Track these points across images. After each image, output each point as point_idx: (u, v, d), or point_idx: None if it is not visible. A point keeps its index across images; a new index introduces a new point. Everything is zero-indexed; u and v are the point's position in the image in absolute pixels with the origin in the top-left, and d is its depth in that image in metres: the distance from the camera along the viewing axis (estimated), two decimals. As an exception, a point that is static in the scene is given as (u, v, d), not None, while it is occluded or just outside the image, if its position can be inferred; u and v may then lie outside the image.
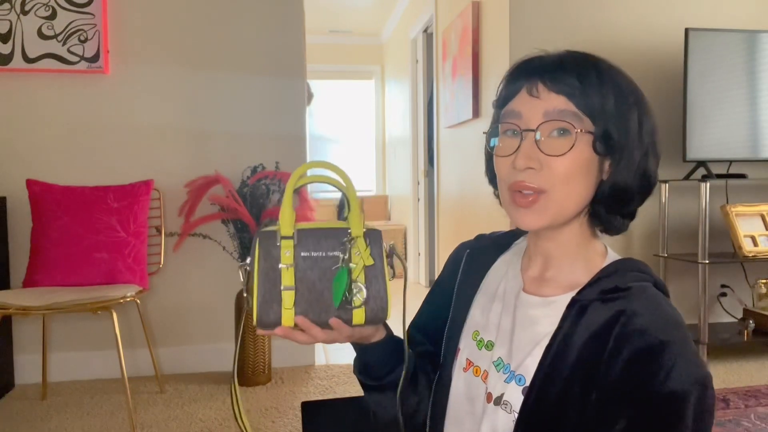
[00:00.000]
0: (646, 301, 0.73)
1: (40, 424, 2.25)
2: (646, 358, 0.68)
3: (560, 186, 0.74)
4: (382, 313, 0.73)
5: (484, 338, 0.85)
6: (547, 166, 0.74)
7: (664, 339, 0.69)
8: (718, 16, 3.13)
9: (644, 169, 0.77)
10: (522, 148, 0.75)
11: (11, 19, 2.61)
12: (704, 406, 0.68)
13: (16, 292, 2.23)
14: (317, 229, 0.74)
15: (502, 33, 3.03)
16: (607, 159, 0.76)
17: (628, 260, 0.80)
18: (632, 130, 0.76)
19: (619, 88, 0.76)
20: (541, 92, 0.75)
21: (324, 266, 0.72)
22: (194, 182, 2.61)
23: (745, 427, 2.13)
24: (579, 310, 0.75)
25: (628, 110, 0.76)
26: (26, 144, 2.68)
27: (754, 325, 2.94)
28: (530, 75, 0.77)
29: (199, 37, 2.77)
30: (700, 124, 2.86)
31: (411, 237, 5.40)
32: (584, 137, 0.74)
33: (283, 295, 0.71)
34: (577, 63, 0.76)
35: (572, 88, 0.74)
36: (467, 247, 0.96)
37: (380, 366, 0.85)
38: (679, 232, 3.14)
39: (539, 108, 0.75)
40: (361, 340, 0.81)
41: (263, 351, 2.65)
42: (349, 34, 6.53)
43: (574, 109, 0.74)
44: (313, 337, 0.74)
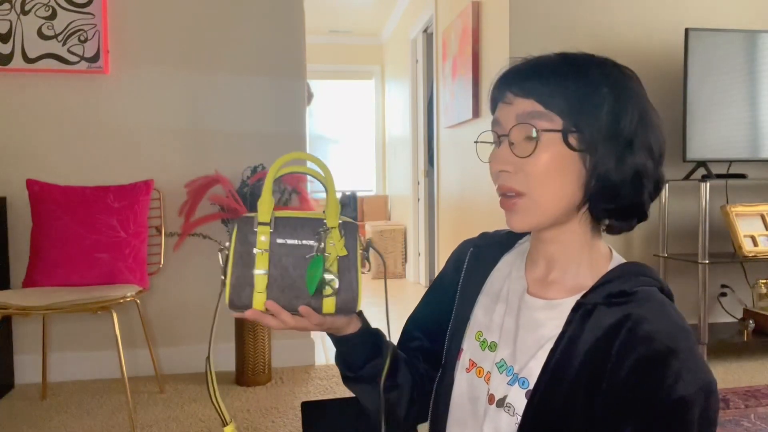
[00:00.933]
0: (653, 306, 0.73)
1: (40, 424, 2.25)
2: (652, 365, 0.68)
3: (536, 186, 0.75)
4: (353, 304, 0.75)
5: (487, 339, 0.85)
6: (521, 169, 0.75)
7: (672, 346, 0.69)
8: (718, 16, 3.13)
9: (631, 161, 0.75)
10: (497, 153, 0.78)
11: (11, 19, 2.61)
12: (709, 412, 0.68)
13: (16, 292, 2.23)
14: (294, 217, 0.76)
15: (502, 33, 3.03)
16: (586, 155, 0.75)
17: (633, 264, 0.80)
18: (604, 121, 0.74)
19: (590, 82, 0.75)
20: (511, 98, 0.78)
21: (298, 254, 0.74)
22: (194, 182, 2.61)
23: (745, 427, 2.13)
24: (584, 313, 0.75)
25: (599, 102, 0.74)
26: (26, 144, 2.68)
27: (754, 325, 2.94)
28: (502, 84, 0.80)
29: (199, 37, 2.77)
30: (700, 124, 2.86)
31: (411, 237, 5.40)
32: (552, 135, 0.74)
33: (256, 279, 0.73)
34: (544, 65, 0.78)
35: (536, 89, 0.75)
36: (471, 245, 0.96)
37: (355, 357, 0.86)
38: (679, 232, 3.14)
39: (512, 113, 0.77)
40: (334, 331, 0.82)
41: (263, 351, 2.65)
42: (349, 34, 6.53)
43: (541, 109, 0.75)
44: (283, 323, 0.75)
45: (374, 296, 4.64)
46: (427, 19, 4.59)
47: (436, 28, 4.38)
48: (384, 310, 0.80)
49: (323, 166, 0.77)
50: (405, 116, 5.45)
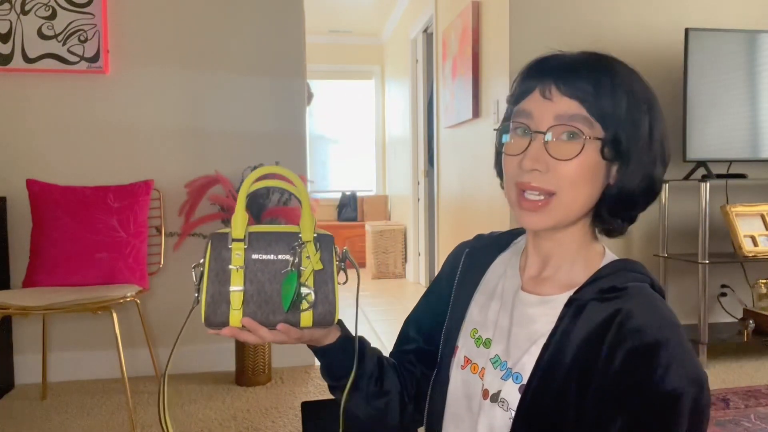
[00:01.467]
0: (643, 301, 0.74)
1: (40, 424, 2.25)
2: (642, 358, 0.69)
3: (568, 189, 0.74)
4: (330, 317, 0.75)
5: (482, 336, 0.85)
6: (553, 169, 0.74)
7: (660, 338, 0.69)
8: (718, 16, 3.13)
9: (651, 175, 0.77)
10: (530, 150, 0.75)
11: (11, 19, 2.61)
12: (699, 406, 0.68)
13: (16, 292, 2.23)
14: (269, 232, 0.76)
15: (502, 33, 3.03)
16: (614, 164, 0.76)
17: (625, 261, 0.80)
18: (643, 136, 0.76)
19: (632, 94, 0.75)
20: (553, 95, 0.75)
21: (274, 269, 0.73)
22: (194, 182, 2.61)
23: (745, 427, 2.13)
24: (576, 309, 0.75)
25: (640, 116, 0.75)
26: (26, 144, 2.68)
27: (754, 325, 2.94)
28: (544, 76, 0.76)
29: (199, 37, 2.77)
30: (700, 124, 2.86)
31: (411, 237, 5.40)
32: (593, 143, 0.74)
33: (232, 296, 0.72)
34: (593, 66, 0.76)
35: (585, 92, 0.74)
36: (466, 247, 0.97)
37: (337, 367, 0.86)
38: (679, 232, 3.14)
39: (551, 110, 0.75)
40: (313, 342, 0.83)
41: (263, 351, 2.65)
42: (349, 34, 6.53)
43: (585, 114, 0.74)
44: (261, 338, 0.75)
45: (374, 296, 4.64)
46: (427, 19, 4.59)
47: (436, 28, 4.38)
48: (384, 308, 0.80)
49: (296, 178, 0.77)
50: (405, 116, 5.45)
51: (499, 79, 3.10)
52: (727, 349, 3.01)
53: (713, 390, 2.49)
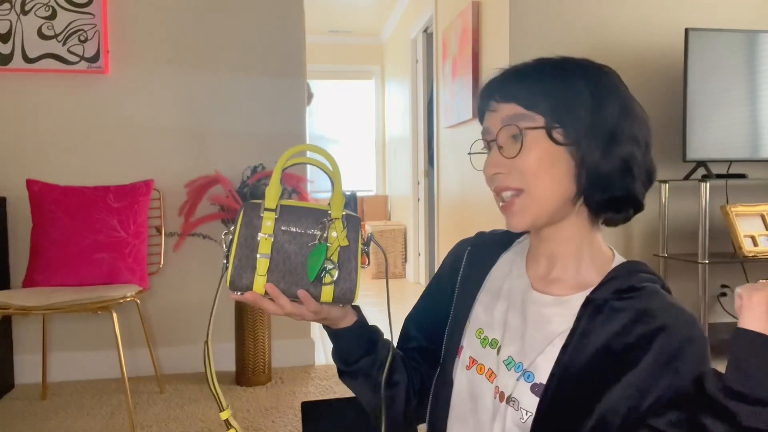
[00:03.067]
0: (664, 300, 0.77)
1: (40, 424, 2.25)
2: (674, 359, 0.72)
3: (532, 182, 0.77)
4: (350, 294, 0.77)
5: (488, 336, 0.85)
6: (513, 169, 0.78)
7: (688, 336, 0.73)
8: (718, 16, 3.13)
9: (617, 152, 0.77)
10: (489, 158, 0.81)
11: (11, 19, 2.61)
12: None
13: (16, 292, 2.23)
14: (300, 207, 0.78)
15: (502, 33, 3.03)
16: (573, 148, 0.78)
17: (635, 262, 0.82)
18: (584, 115, 0.77)
19: (567, 80, 0.78)
20: (495, 106, 0.81)
21: (301, 242, 0.76)
22: (194, 182, 2.61)
23: (745, 427, 2.12)
24: (594, 309, 0.76)
25: (578, 97, 0.77)
26: (26, 144, 2.68)
27: (754, 325, 2.93)
28: (485, 93, 0.83)
29: (199, 37, 2.77)
30: (700, 124, 2.86)
31: (411, 237, 5.40)
32: (536, 133, 0.77)
33: (258, 262, 0.75)
34: (521, 70, 0.82)
35: (516, 93, 0.79)
36: (468, 245, 0.97)
37: (350, 351, 0.88)
38: (679, 232, 3.14)
39: (497, 119, 0.80)
40: (329, 322, 0.84)
41: (263, 351, 2.65)
42: (349, 34, 6.53)
43: (523, 111, 0.78)
44: (281, 308, 0.77)
45: (375, 296, 4.64)
46: (427, 19, 4.59)
47: (436, 28, 4.38)
48: (384, 309, 0.81)
49: (331, 159, 0.79)
50: (405, 116, 5.45)
51: (499, 79, 3.09)
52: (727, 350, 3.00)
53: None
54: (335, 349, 0.89)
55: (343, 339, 0.87)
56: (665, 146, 3.09)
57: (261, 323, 2.65)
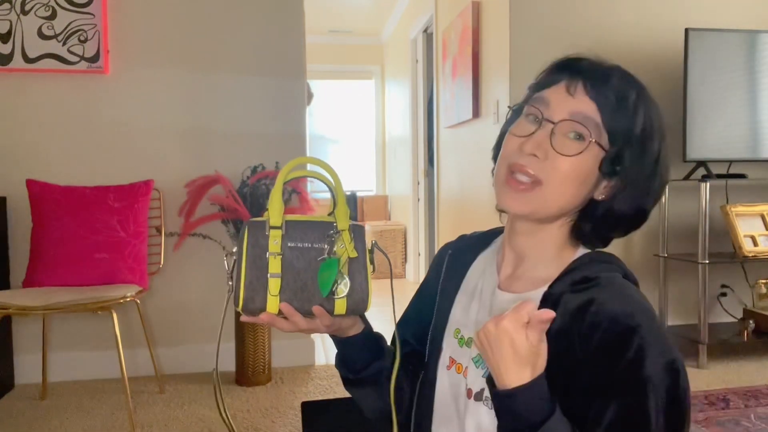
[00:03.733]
0: (614, 289, 0.75)
1: (40, 424, 2.25)
2: (617, 345, 0.70)
3: (556, 183, 0.75)
4: (363, 305, 0.76)
5: (464, 335, 0.86)
6: (551, 160, 0.75)
7: (633, 325, 0.70)
8: (718, 16, 3.13)
9: (642, 205, 0.78)
10: (535, 135, 0.76)
11: (11, 19, 2.61)
12: (678, 389, 0.69)
13: (16, 292, 2.23)
14: (304, 221, 0.77)
15: (502, 33, 3.03)
16: (606, 180, 0.77)
17: (597, 253, 0.81)
18: (647, 165, 0.76)
19: (650, 122, 0.76)
20: (578, 92, 0.76)
21: (309, 257, 0.75)
22: (194, 182, 2.61)
23: (745, 427, 2.13)
24: (552, 304, 0.76)
25: (650, 144, 0.76)
26: (26, 144, 2.68)
27: (754, 325, 2.94)
28: (575, 72, 0.78)
29: (199, 37, 2.77)
30: (700, 124, 2.86)
31: (411, 237, 5.40)
32: (595, 149, 0.75)
33: (270, 282, 0.73)
34: (624, 80, 0.77)
35: (607, 100, 0.75)
36: (449, 248, 0.98)
37: (358, 359, 0.87)
38: (679, 232, 3.14)
39: (569, 105, 0.76)
40: (339, 332, 0.83)
41: (263, 351, 2.65)
42: (349, 34, 6.53)
43: (599, 120, 0.75)
44: (295, 325, 0.76)
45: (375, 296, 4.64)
46: (427, 19, 4.59)
47: (436, 28, 4.38)
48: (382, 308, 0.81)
49: (331, 170, 0.78)
50: (405, 116, 5.45)
51: (499, 79, 3.09)
52: (727, 349, 3.01)
53: (713, 390, 2.49)
54: (341, 358, 0.89)
55: (351, 347, 0.86)
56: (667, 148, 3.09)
57: (261, 323, 2.65)
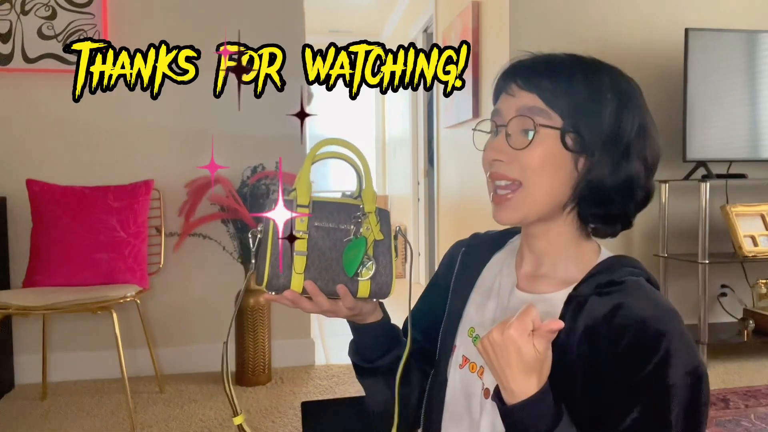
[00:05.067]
0: (643, 293, 0.75)
1: (40, 424, 2.25)
2: (645, 349, 0.70)
3: (531, 178, 0.76)
4: (387, 288, 0.76)
5: (479, 335, 0.86)
6: (516, 159, 0.76)
7: (662, 329, 0.70)
8: (718, 16, 3.13)
9: (626, 169, 0.77)
10: (493, 142, 0.79)
11: (11, 19, 2.61)
12: (700, 399, 0.69)
13: (16, 292, 2.23)
14: (331, 202, 0.77)
15: (502, 33, 3.03)
16: (580, 156, 0.77)
17: (621, 257, 0.81)
18: (605, 127, 0.76)
19: (596, 87, 0.76)
20: (515, 90, 0.78)
21: (335, 237, 0.74)
22: (194, 182, 2.61)
23: (745, 427, 2.13)
24: (577, 305, 0.76)
25: (602, 108, 0.76)
26: (26, 144, 2.68)
27: (754, 325, 2.94)
28: (508, 75, 0.80)
29: (199, 37, 2.76)
30: (700, 124, 2.86)
31: (411, 237, 5.40)
32: (549, 132, 0.76)
33: (295, 260, 0.73)
34: (553, 62, 0.79)
35: (541, 85, 0.76)
36: (463, 246, 0.97)
37: (374, 348, 0.87)
38: (679, 232, 3.14)
39: (513, 105, 0.78)
40: (359, 318, 0.83)
41: (263, 351, 2.65)
42: (349, 34, 6.52)
43: (542, 105, 0.76)
44: (318, 305, 0.76)
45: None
46: (427, 19, 4.59)
47: (436, 28, 4.38)
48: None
49: (360, 154, 0.78)
50: (405, 116, 5.45)
51: (499, 79, 3.09)
52: (727, 349, 3.01)
53: (713, 390, 2.49)
54: (357, 346, 0.88)
55: (368, 334, 0.86)
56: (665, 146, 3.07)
57: (261, 323, 2.65)
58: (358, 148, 0.78)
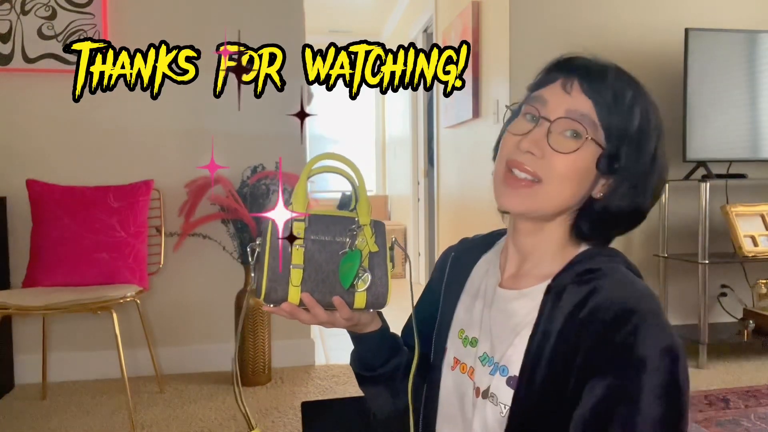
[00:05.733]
0: (616, 277, 0.76)
1: (40, 424, 2.25)
2: (614, 326, 0.70)
3: (554, 181, 0.76)
4: (383, 299, 0.77)
5: (468, 335, 0.87)
6: (548, 158, 0.75)
7: (632, 307, 0.71)
8: (718, 16, 3.13)
9: (641, 204, 0.78)
10: (532, 133, 0.76)
11: (11, 19, 2.61)
12: (676, 376, 0.68)
13: (16, 292, 2.23)
14: (327, 215, 0.78)
15: (502, 33, 3.03)
16: (603, 179, 0.77)
17: (601, 247, 0.82)
18: (644, 162, 0.77)
19: (647, 118, 0.77)
20: (574, 90, 0.76)
21: (331, 250, 0.76)
22: (194, 182, 2.61)
23: (745, 427, 2.13)
24: (555, 295, 0.77)
25: (647, 143, 0.77)
26: (26, 144, 2.68)
27: (754, 325, 2.94)
28: (572, 70, 0.78)
29: (198, 37, 2.76)
30: (700, 124, 2.86)
31: (411, 237, 5.40)
32: (591, 147, 0.75)
33: (292, 273, 0.74)
34: (620, 78, 0.78)
35: (603, 98, 0.75)
36: (452, 251, 0.99)
37: (374, 356, 0.88)
38: (679, 232, 3.14)
39: (565, 103, 0.76)
40: (358, 328, 0.84)
41: (263, 351, 2.65)
42: (349, 34, 6.52)
43: (595, 117, 0.75)
44: (316, 317, 0.77)
45: (374, 296, 4.64)
46: (427, 19, 4.59)
47: (436, 28, 4.38)
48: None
49: (354, 167, 0.79)
50: (405, 116, 5.45)
51: (499, 79, 3.09)
52: (727, 349, 3.01)
53: (713, 390, 2.49)
54: (357, 355, 0.89)
55: (368, 344, 0.87)
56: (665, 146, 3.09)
57: (261, 323, 2.65)
58: (353, 162, 0.79)
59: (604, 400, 0.68)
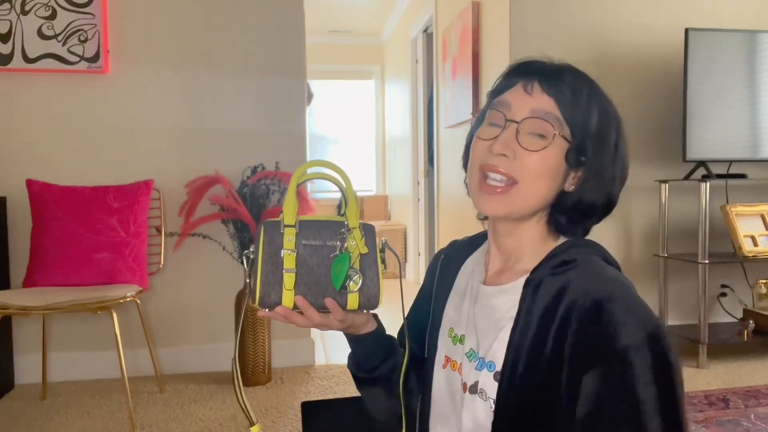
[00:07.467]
0: (589, 267, 0.77)
1: (40, 424, 2.25)
2: (592, 318, 0.71)
3: (530, 180, 0.78)
4: (375, 300, 0.79)
5: (457, 333, 0.89)
6: (519, 158, 0.78)
7: (606, 295, 0.72)
8: (718, 16, 3.13)
9: (610, 192, 0.82)
10: (501, 136, 0.79)
11: (11, 19, 2.61)
12: (661, 357, 0.69)
13: (16, 292, 2.23)
14: (317, 220, 0.80)
15: (502, 33, 3.03)
16: (573, 172, 0.80)
17: (579, 239, 0.84)
18: (608, 152, 0.80)
19: (605, 111, 0.80)
20: (534, 90, 0.80)
21: (322, 254, 0.78)
22: (194, 182, 2.61)
23: (745, 427, 2.13)
24: (533, 289, 0.79)
25: (608, 133, 0.80)
26: (26, 144, 2.68)
27: (754, 325, 2.94)
28: (530, 73, 0.81)
29: (199, 36, 2.77)
30: (700, 124, 2.86)
31: (411, 237, 5.40)
32: (560, 142, 0.78)
33: (285, 277, 0.77)
34: (575, 76, 0.81)
35: (564, 95, 0.79)
36: (443, 253, 1.01)
37: (371, 358, 0.90)
38: (679, 232, 3.14)
39: (528, 104, 0.79)
40: (353, 329, 0.85)
41: (263, 351, 2.65)
42: (349, 34, 6.53)
43: (559, 114, 0.78)
44: (310, 319, 0.79)
45: (374, 296, 4.64)
46: (427, 19, 4.59)
47: (436, 28, 4.38)
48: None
49: (342, 173, 0.81)
50: (405, 116, 5.45)
51: (499, 79, 3.09)
52: (727, 349, 3.01)
53: (713, 390, 2.49)
54: (354, 357, 0.91)
55: (364, 345, 0.89)
56: (665, 146, 3.09)
57: (261, 323, 2.65)
58: (340, 168, 0.81)
59: (600, 399, 0.69)
